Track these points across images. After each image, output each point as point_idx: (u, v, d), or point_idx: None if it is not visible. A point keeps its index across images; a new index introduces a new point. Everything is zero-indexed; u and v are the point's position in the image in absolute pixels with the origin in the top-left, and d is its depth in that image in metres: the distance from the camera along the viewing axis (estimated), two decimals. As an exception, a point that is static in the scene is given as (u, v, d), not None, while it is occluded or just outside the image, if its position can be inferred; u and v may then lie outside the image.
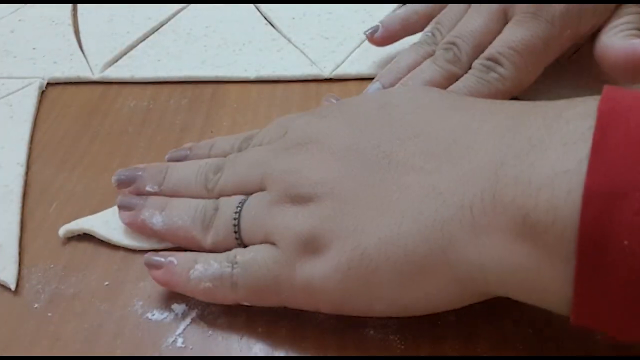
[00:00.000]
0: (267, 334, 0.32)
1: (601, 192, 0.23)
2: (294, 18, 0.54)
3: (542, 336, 0.31)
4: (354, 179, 0.30)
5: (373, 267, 0.28)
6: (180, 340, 0.32)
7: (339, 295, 0.30)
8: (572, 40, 0.40)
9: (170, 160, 0.39)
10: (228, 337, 0.32)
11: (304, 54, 0.50)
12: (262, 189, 0.34)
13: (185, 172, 0.37)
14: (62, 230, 0.37)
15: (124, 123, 0.45)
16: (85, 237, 0.37)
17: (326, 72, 0.48)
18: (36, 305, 0.33)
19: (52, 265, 0.35)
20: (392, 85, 0.42)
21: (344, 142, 0.32)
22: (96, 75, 0.49)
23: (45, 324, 0.32)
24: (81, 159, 0.42)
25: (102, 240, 0.36)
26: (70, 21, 0.55)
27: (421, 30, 0.46)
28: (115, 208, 0.37)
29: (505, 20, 0.40)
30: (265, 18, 0.55)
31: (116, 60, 0.51)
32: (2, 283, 0.34)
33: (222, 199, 0.35)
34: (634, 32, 0.38)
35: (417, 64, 0.42)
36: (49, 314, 0.33)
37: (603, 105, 0.25)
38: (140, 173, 0.37)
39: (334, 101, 0.40)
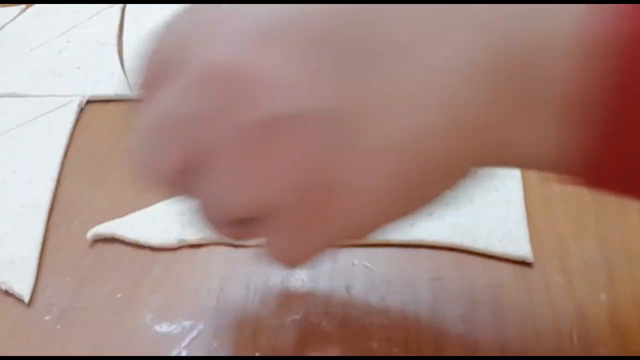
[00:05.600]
0: (271, 347, 0.31)
1: None
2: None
3: (542, 340, 0.31)
4: None
5: None
6: (184, 352, 0.32)
7: None
8: None
9: None
10: (233, 349, 0.32)
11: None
12: None
13: None
14: (91, 233, 0.37)
15: (154, 139, 0.45)
16: (105, 250, 0.37)
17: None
18: (47, 318, 0.34)
19: (67, 279, 0.36)
20: None
21: None
22: (134, 94, 0.50)
23: (52, 337, 0.33)
24: (110, 174, 0.43)
25: (120, 254, 0.37)
26: (115, 42, 0.57)
27: None
28: (142, 212, 0.39)
29: None
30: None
31: (155, 78, 0.51)
32: (17, 296, 0.35)
33: None
34: None
35: None
36: (58, 327, 0.33)
37: None
38: None
39: None
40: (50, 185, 0.42)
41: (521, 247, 0.34)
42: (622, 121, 0.21)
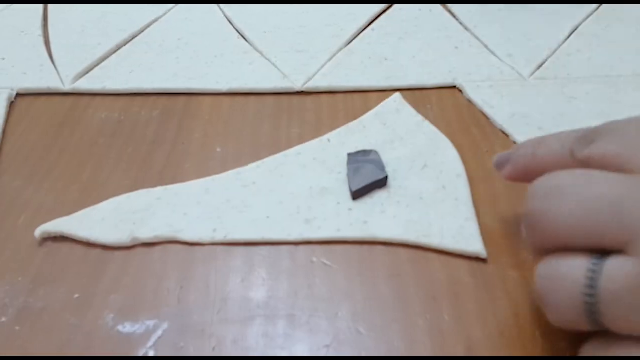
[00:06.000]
0: (238, 344, 0.32)
1: None
2: (265, 32, 0.54)
3: (504, 336, 0.31)
4: None
5: None
6: (152, 352, 0.31)
7: None
8: None
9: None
10: (200, 348, 0.31)
11: (276, 67, 0.50)
12: None
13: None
14: (39, 231, 0.36)
15: (94, 135, 0.44)
16: (55, 248, 0.36)
17: (298, 85, 0.48)
18: (3, 319, 0.32)
19: (20, 279, 0.35)
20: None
21: None
22: (67, 87, 0.49)
23: (13, 338, 0.32)
24: (51, 171, 0.41)
25: (71, 252, 0.36)
26: (40, 32, 0.55)
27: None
28: (90, 209, 0.38)
29: None
30: (238, 31, 0.55)
31: (87, 72, 0.50)
32: (-32, 297, 0.33)
33: None
34: None
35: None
36: (17, 328, 0.32)
37: None
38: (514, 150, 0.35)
39: None
40: (-11, 182, 0.40)
41: (474, 244, 0.35)
42: None
